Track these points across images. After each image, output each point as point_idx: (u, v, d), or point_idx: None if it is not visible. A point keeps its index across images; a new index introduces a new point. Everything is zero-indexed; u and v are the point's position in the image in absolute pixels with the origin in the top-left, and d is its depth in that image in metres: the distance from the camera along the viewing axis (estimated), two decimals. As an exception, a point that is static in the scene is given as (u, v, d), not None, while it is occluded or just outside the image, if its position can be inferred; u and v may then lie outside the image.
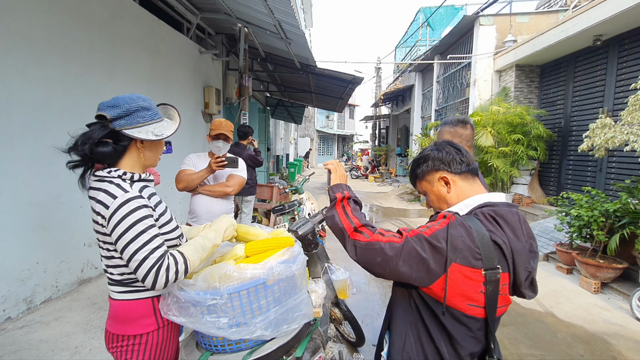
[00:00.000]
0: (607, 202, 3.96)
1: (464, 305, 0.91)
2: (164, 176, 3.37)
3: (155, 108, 1.22)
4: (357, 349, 2.57)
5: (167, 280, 1.08)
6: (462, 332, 0.93)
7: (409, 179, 1.18)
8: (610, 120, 3.88)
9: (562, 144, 6.19)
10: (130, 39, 4.11)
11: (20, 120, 2.81)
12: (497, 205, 0.98)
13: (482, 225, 0.93)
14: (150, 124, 1.19)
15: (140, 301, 1.18)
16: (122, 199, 1.09)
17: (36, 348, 2.42)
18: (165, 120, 1.26)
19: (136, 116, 1.15)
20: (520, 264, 0.93)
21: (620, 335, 2.98)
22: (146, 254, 1.07)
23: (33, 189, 2.92)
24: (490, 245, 0.90)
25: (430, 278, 0.91)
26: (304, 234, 2.08)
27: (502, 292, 0.92)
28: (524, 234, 0.96)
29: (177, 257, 1.12)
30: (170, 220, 1.25)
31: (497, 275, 0.89)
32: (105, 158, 1.16)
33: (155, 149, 1.27)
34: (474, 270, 0.89)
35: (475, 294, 0.90)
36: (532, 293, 0.98)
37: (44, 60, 3.00)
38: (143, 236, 1.08)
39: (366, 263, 0.99)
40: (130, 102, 1.16)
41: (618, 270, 3.77)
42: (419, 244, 0.92)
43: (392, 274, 0.95)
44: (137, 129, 1.15)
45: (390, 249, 0.93)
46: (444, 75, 10.66)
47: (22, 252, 2.86)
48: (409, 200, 10.56)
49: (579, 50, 5.73)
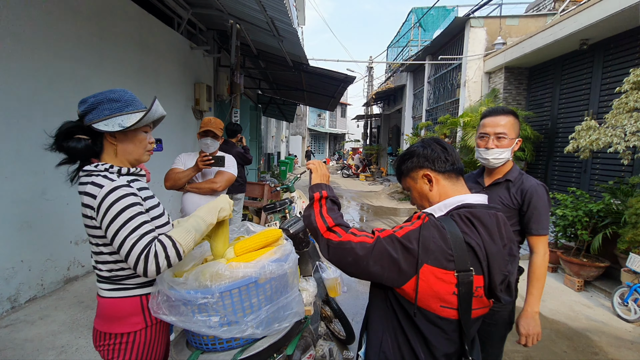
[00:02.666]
0: (591, 203, 4.07)
1: (436, 307, 0.90)
2: (154, 174, 3.33)
3: (128, 100, 1.17)
4: (347, 346, 2.59)
5: (157, 266, 1.05)
6: (435, 333, 0.93)
7: (395, 173, 1.18)
8: (595, 123, 3.98)
9: (548, 145, 6.32)
10: (119, 33, 4.03)
11: (4, 115, 2.73)
12: (475, 207, 0.97)
13: (457, 226, 0.92)
14: (118, 115, 1.14)
15: (128, 299, 1.17)
16: (109, 187, 1.07)
17: (21, 347, 2.37)
18: (144, 111, 1.19)
19: (102, 109, 1.12)
20: (496, 266, 0.92)
21: (602, 331, 3.08)
22: (135, 240, 1.05)
23: (17, 185, 2.85)
24: (464, 247, 0.89)
25: (401, 279, 0.90)
26: (296, 232, 2.09)
27: (476, 295, 0.91)
28: (502, 236, 0.94)
29: (165, 242, 1.08)
30: (160, 215, 1.23)
31: (469, 278, 0.89)
32: (80, 154, 1.14)
33: (132, 142, 1.20)
34: (445, 272, 0.88)
35: (447, 295, 0.89)
36: (508, 297, 0.96)
37: (30, 53, 2.92)
38: (132, 222, 1.06)
39: (338, 262, 0.99)
40: (98, 96, 1.13)
41: (600, 268, 3.88)
42: (391, 245, 0.91)
43: (364, 274, 0.95)
44: (103, 122, 1.12)
45: (361, 249, 0.93)
46: (435, 76, 10.76)
47: (5, 250, 2.79)
48: (399, 199, 10.65)
49: (566, 53, 5.85)
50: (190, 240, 1.13)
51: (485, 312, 0.99)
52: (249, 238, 1.37)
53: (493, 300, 0.97)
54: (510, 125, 1.58)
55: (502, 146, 1.58)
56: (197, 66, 6.19)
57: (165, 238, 1.09)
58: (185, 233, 1.12)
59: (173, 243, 1.09)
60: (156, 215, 1.21)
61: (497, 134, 1.58)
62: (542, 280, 1.56)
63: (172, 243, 1.08)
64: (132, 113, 1.16)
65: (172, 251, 1.08)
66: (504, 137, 1.57)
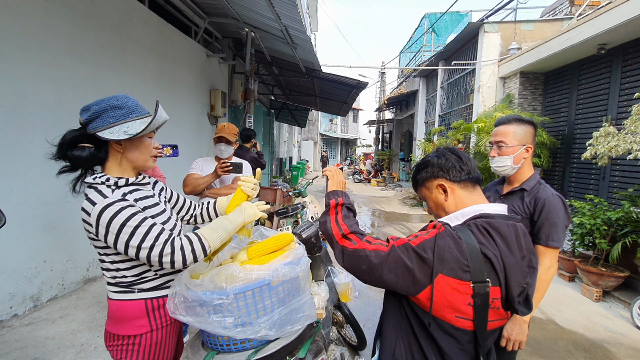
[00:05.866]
0: (609, 211, 3.96)
1: (452, 317, 0.89)
2: (170, 178, 3.41)
3: (132, 107, 1.14)
4: (358, 352, 2.59)
5: (184, 258, 1.08)
6: (450, 343, 0.91)
7: (411, 183, 1.18)
8: (614, 129, 3.89)
9: (565, 152, 6.19)
10: (139, 42, 4.19)
11: (31, 120, 2.87)
12: (493, 217, 0.95)
13: (473, 237, 0.91)
14: (123, 123, 1.12)
15: (133, 302, 1.19)
16: (100, 205, 1.06)
17: (42, 345, 2.46)
18: (148, 117, 1.17)
19: (106, 117, 1.10)
20: (513, 278, 0.90)
21: (620, 343, 2.98)
22: (152, 242, 1.06)
23: (42, 188, 2.98)
24: (480, 258, 0.88)
25: (416, 288, 0.90)
26: (308, 237, 2.12)
27: (492, 306, 0.90)
28: (521, 247, 0.93)
29: (191, 237, 1.12)
30: (166, 221, 1.24)
31: (486, 289, 0.87)
32: (83, 163, 1.14)
33: (138, 148, 1.19)
34: (461, 283, 0.87)
35: (463, 306, 0.88)
36: (526, 309, 0.94)
37: (55, 61, 3.07)
38: (140, 229, 1.06)
39: (352, 269, 0.99)
40: (100, 103, 1.11)
41: (620, 278, 3.76)
42: (405, 253, 0.91)
43: (378, 282, 0.95)
44: (108, 130, 1.10)
45: (375, 257, 0.93)
46: (448, 81, 10.68)
47: (30, 250, 2.92)
48: (411, 205, 10.56)
49: (583, 58, 5.74)
50: (217, 238, 1.16)
51: (502, 324, 0.97)
52: (261, 242, 1.41)
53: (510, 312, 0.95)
54: (511, 133, 1.58)
55: (502, 154, 1.60)
56: (213, 73, 6.34)
57: (192, 234, 1.13)
58: (212, 231, 1.16)
59: (199, 238, 1.13)
60: (161, 222, 1.22)
61: (497, 142, 1.62)
62: (540, 292, 1.51)
63: (198, 238, 1.12)
64: (137, 120, 1.15)
65: (198, 246, 1.11)
66: (503, 145, 1.59)
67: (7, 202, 2.66)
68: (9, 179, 2.72)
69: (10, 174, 2.73)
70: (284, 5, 3.98)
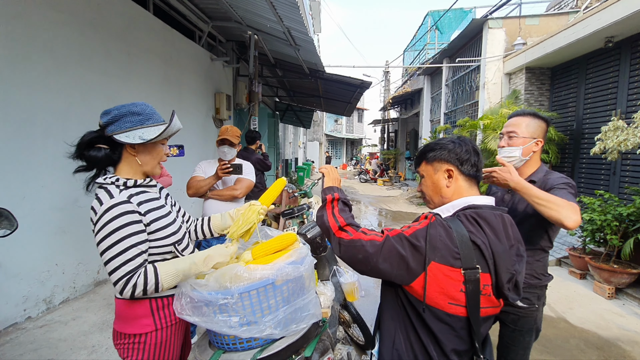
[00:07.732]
0: (620, 206, 3.89)
1: (445, 304, 0.93)
2: (176, 179, 3.46)
3: (149, 114, 1.22)
4: (365, 351, 2.59)
5: (132, 295, 1.12)
6: (444, 330, 0.95)
7: (415, 157, 1.19)
8: (623, 123, 3.83)
9: (574, 147, 6.10)
10: (145, 48, 4.25)
11: (42, 127, 2.94)
12: (481, 208, 1.00)
13: (463, 226, 0.95)
14: (139, 128, 1.19)
15: (138, 301, 1.22)
16: (107, 205, 1.13)
17: (55, 347, 2.51)
18: (164, 124, 1.24)
19: (124, 121, 1.17)
20: (502, 265, 0.94)
21: (635, 341, 2.93)
22: (120, 263, 1.11)
23: (53, 193, 3.04)
24: (470, 245, 0.93)
25: (410, 276, 0.94)
26: (313, 237, 2.13)
27: (484, 293, 0.94)
28: (508, 236, 0.97)
29: (149, 276, 1.13)
30: (167, 225, 1.26)
31: (476, 275, 0.92)
32: (98, 163, 1.20)
33: (150, 153, 1.26)
34: (453, 269, 0.92)
35: (455, 292, 0.92)
36: (516, 295, 0.98)
37: (64, 69, 3.13)
38: (121, 244, 1.11)
39: (349, 260, 1.03)
40: (120, 108, 1.18)
41: (633, 275, 3.69)
42: (399, 243, 0.95)
43: (374, 271, 0.99)
44: (125, 134, 1.17)
45: (371, 247, 0.97)
46: (453, 79, 10.62)
47: (42, 253, 2.98)
48: (418, 204, 10.50)
49: (591, 52, 5.66)
50: (173, 282, 1.18)
51: (495, 312, 1.00)
52: (265, 242, 1.42)
53: (503, 300, 0.99)
54: (524, 124, 1.57)
55: (512, 144, 1.58)
56: (217, 77, 6.40)
57: (152, 273, 1.14)
58: (172, 277, 1.17)
59: (156, 280, 1.15)
60: (161, 226, 1.24)
61: (508, 132, 1.60)
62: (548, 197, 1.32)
63: (155, 281, 1.14)
64: (152, 126, 1.22)
65: (151, 287, 1.14)
66: (515, 135, 1.57)
67: (19, 208, 2.72)
68: (21, 185, 2.79)
69: (22, 180, 2.79)
70: (286, 8, 4.01)
